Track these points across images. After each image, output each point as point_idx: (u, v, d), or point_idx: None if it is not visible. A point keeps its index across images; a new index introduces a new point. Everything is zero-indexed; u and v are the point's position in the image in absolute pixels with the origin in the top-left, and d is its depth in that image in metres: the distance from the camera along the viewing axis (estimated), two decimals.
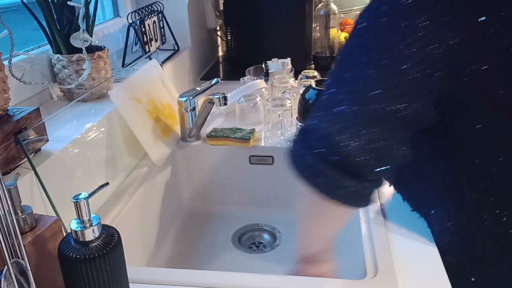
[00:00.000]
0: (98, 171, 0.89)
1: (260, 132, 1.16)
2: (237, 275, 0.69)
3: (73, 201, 0.52)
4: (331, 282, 0.66)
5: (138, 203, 0.94)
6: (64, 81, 0.96)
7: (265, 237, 1.08)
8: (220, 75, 1.66)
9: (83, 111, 0.94)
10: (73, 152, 0.81)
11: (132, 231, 0.91)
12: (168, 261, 1.00)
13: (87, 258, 0.51)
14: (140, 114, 1.01)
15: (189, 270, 0.71)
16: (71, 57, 0.93)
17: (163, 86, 1.16)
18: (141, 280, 0.67)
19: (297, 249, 0.74)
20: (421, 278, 0.66)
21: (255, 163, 1.13)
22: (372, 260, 0.70)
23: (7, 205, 0.46)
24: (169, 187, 1.09)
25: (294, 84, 1.29)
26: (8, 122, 0.68)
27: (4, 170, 0.67)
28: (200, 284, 0.67)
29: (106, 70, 0.99)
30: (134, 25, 1.21)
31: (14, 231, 0.47)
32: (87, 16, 0.93)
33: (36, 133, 0.73)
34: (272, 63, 1.37)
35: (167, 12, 1.41)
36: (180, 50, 1.47)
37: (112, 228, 0.56)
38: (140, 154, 1.06)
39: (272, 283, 0.67)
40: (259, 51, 1.60)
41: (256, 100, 1.22)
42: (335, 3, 1.57)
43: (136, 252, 0.92)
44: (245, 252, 1.02)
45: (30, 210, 0.55)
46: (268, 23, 1.57)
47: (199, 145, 1.14)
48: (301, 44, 1.58)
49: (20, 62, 0.90)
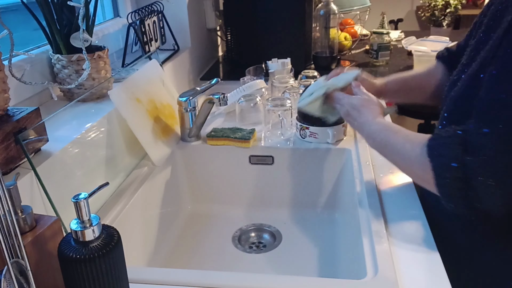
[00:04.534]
0: (98, 171, 0.89)
1: (260, 132, 1.16)
2: (237, 275, 0.69)
3: (73, 201, 0.52)
4: (331, 282, 0.66)
5: (138, 203, 0.94)
6: (64, 81, 0.96)
7: (265, 237, 1.08)
8: (220, 75, 1.66)
9: (83, 111, 0.94)
10: (73, 152, 0.81)
11: (132, 231, 0.91)
12: (168, 261, 1.00)
13: (87, 258, 0.51)
14: (140, 114, 1.01)
15: (189, 270, 0.71)
16: (71, 57, 0.93)
17: (163, 86, 1.16)
18: (141, 280, 0.67)
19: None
20: (421, 278, 0.66)
21: (255, 163, 1.13)
22: (372, 260, 0.70)
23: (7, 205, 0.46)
24: (169, 187, 1.09)
25: (294, 84, 1.29)
26: (8, 122, 0.68)
27: (4, 170, 0.67)
28: (200, 284, 0.67)
29: (106, 70, 0.99)
30: (134, 25, 1.21)
31: (14, 231, 0.47)
32: (87, 16, 0.93)
33: (36, 133, 0.73)
34: (272, 63, 1.37)
35: (167, 12, 1.41)
36: (180, 50, 1.47)
37: (112, 228, 0.56)
38: (140, 154, 1.06)
39: (272, 283, 0.67)
40: (259, 51, 1.60)
41: (256, 100, 1.22)
42: (335, 3, 1.57)
43: (136, 252, 0.92)
44: (245, 252, 1.02)
45: (30, 210, 0.55)
46: (268, 23, 1.57)
47: (199, 145, 1.14)
48: (301, 44, 1.58)
49: (20, 62, 0.90)
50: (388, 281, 0.64)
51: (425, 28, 2.88)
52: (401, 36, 2.13)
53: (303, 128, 1.10)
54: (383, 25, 1.96)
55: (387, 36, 1.73)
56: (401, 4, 3.50)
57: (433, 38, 1.79)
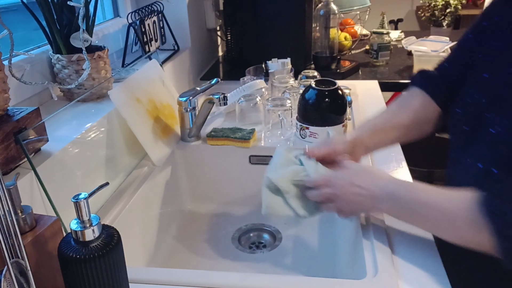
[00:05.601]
0: (98, 171, 0.89)
1: (260, 132, 1.16)
2: (237, 275, 0.69)
3: (73, 201, 0.52)
4: (331, 282, 0.66)
5: (138, 203, 0.94)
6: (64, 81, 0.96)
7: (265, 237, 1.08)
8: (220, 75, 1.66)
9: (83, 111, 0.94)
10: (73, 152, 0.81)
11: (132, 231, 0.91)
12: (168, 261, 1.00)
13: (87, 258, 0.51)
14: (140, 114, 1.01)
15: (189, 270, 0.71)
16: (71, 57, 0.93)
17: (163, 86, 1.16)
18: (141, 280, 0.67)
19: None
20: (421, 278, 0.66)
21: (255, 163, 1.13)
22: (372, 260, 0.70)
23: (7, 205, 0.46)
24: (169, 187, 1.09)
25: (294, 84, 1.29)
26: (8, 122, 0.68)
27: (4, 170, 0.67)
28: (200, 284, 0.67)
29: (106, 70, 0.99)
30: (134, 25, 1.21)
31: (14, 231, 0.47)
32: (87, 16, 0.93)
33: (36, 133, 0.73)
34: (272, 63, 1.37)
35: (167, 12, 1.41)
36: (180, 50, 1.47)
37: (112, 228, 0.56)
38: (140, 154, 1.06)
39: (272, 283, 0.67)
40: (259, 51, 1.60)
41: (256, 100, 1.22)
42: (335, 3, 1.57)
43: (136, 252, 0.92)
44: (245, 252, 1.02)
45: (30, 210, 0.55)
46: (268, 23, 1.57)
47: (199, 145, 1.14)
48: (301, 44, 1.58)
49: (20, 62, 0.90)
50: (388, 281, 0.64)
51: (425, 28, 2.88)
52: (401, 36, 2.13)
53: (303, 128, 1.10)
54: (383, 25, 1.96)
55: (387, 36, 1.74)
56: (401, 4, 3.50)
57: (433, 38, 1.79)
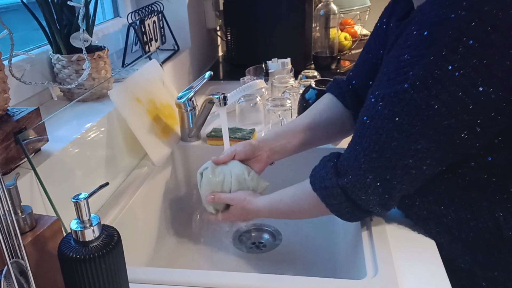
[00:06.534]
0: (98, 171, 0.89)
1: (260, 132, 1.16)
2: (237, 275, 0.69)
3: (73, 201, 0.52)
4: (331, 282, 0.66)
5: (138, 203, 0.94)
6: (64, 81, 0.96)
7: (265, 237, 1.08)
8: (220, 75, 1.66)
9: (83, 111, 0.94)
10: (73, 152, 0.81)
11: (132, 231, 0.91)
12: (168, 261, 1.00)
13: (87, 258, 0.51)
14: (140, 114, 1.01)
15: (189, 270, 0.71)
16: (71, 57, 0.93)
17: (163, 86, 1.16)
18: (141, 280, 0.67)
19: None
20: (421, 278, 0.66)
21: None
22: (372, 260, 0.70)
23: (7, 205, 0.46)
24: (169, 187, 1.09)
25: (294, 84, 1.29)
26: (8, 122, 0.68)
27: (4, 170, 0.67)
28: (200, 284, 0.67)
29: (106, 70, 0.99)
30: (134, 25, 1.21)
31: (14, 231, 0.47)
32: (87, 16, 0.93)
33: (36, 133, 0.73)
34: (272, 63, 1.37)
35: (167, 12, 1.41)
36: (180, 50, 1.47)
37: (112, 228, 0.56)
38: (140, 154, 1.06)
39: (272, 283, 0.67)
40: (259, 51, 1.60)
41: (256, 100, 1.22)
42: (335, 3, 1.57)
43: (136, 252, 0.92)
44: (245, 252, 1.02)
45: (30, 210, 0.55)
46: (268, 23, 1.57)
47: (199, 145, 1.14)
48: (301, 44, 1.58)
49: (20, 62, 0.90)
50: (388, 281, 0.64)
51: None
52: None
53: None
54: None
55: None
56: None
57: None
